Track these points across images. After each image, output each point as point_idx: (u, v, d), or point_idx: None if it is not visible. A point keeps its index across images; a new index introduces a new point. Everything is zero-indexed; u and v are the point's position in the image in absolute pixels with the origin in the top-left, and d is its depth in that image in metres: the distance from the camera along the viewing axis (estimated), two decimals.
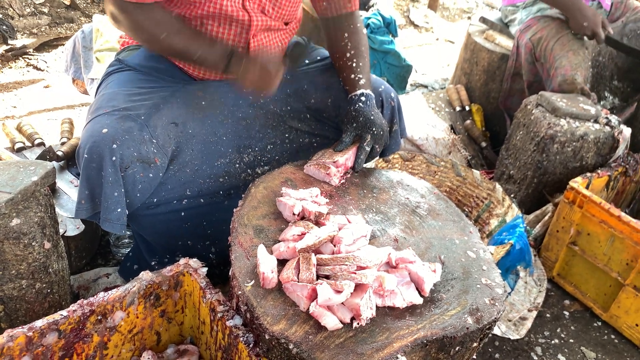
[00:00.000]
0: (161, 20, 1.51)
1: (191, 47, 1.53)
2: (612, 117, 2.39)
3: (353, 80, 1.72)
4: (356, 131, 1.66)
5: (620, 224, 2.03)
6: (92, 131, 1.42)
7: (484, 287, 1.32)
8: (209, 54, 1.54)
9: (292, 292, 1.21)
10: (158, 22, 1.50)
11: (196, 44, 1.53)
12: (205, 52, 1.53)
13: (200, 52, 1.53)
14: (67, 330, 1.26)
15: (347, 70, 1.75)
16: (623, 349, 2.08)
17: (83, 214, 1.46)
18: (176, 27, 1.52)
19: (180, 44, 1.52)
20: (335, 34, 1.79)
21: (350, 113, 1.67)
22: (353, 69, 1.73)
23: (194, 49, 1.53)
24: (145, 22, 1.50)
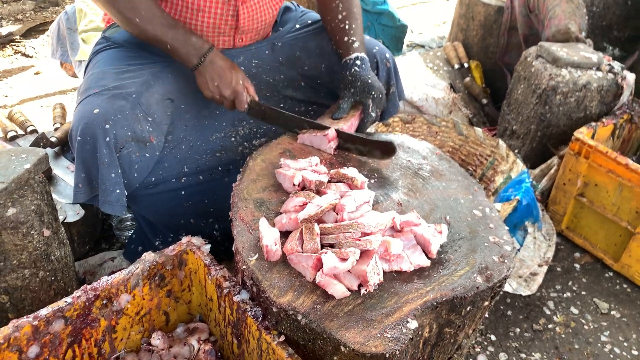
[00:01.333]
0: (137, 2, 1.46)
1: (165, 36, 1.48)
2: (614, 63, 2.32)
3: (347, 44, 1.66)
4: (354, 97, 1.61)
5: (628, 172, 1.99)
6: (83, 112, 1.38)
7: (492, 245, 1.29)
8: (182, 46, 1.49)
9: (297, 263, 1.19)
10: (134, 4, 1.45)
11: (170, 34, 1.48)
12: (177, 44, 1.49)
13: (173, 42, 1.48)
14: (73, 317, 1.25)
15: (339, 33, 1.69)
16: (636, 297, 2.07)
17: (81, 198, 1.43)
18: (151, 13, 1.47)
19: (153, 30, 1.48)
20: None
21: (346, 78, 1.62)
22: (346, 32, 1.67)
23: (167, 38, 1.48)
24: (120, 3, 1.45)
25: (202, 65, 1.51)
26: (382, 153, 1.53)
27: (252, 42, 1.73)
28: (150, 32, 1.48)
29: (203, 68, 1.51)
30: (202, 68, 1.51)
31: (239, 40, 1.68)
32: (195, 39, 1.51)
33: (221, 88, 1.51)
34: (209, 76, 1.51)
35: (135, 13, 1.46)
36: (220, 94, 1.52)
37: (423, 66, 3.07)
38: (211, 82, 1.51)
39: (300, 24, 1.81)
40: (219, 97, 1.53)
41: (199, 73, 1.52)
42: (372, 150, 1.54)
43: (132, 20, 1.46)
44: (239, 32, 1.65)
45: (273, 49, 1.75)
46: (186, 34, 1.50)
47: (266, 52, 1.73)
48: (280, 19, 1.83)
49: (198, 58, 1.50)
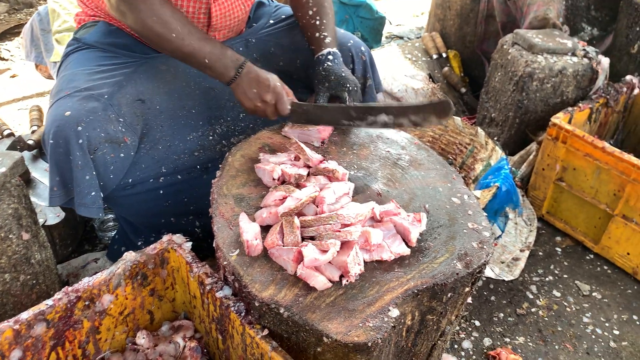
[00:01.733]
0: (171, 18, 1.43)
1: (203, 50, 1.46)
2: (589, 48, 2.35)
3: (318, 39, 1.66)
4: (329, 91, 1.60)
5: (605, 155, 2.02)
6: (55, 115, 1.37)
7: (471, 232, 1.31)
8: (218, 60, 1.47)
9: (278, 257, 1.19)
10: (167, 20, 1.42)
11: (208, 48, 1.46)
12: (215, 58, 1.47)
13: (211, 57, 1.46)
14: (55, 319, 1.24)
15: (311, 29, 1.68)
16: (616, 278, 2.11)
17: (57, 202, 1.42)
18: (187, 28, 1.45)
19: (190, 45, 1.45)
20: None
21: (320, 73, 1.61)
22: (317, 27, 1.67)
23: (205, 52, 1.46)
24: (154, 19, 1.41)
25: (239, 76, 1.49)
26: (439, 115, 1.39)
27: (225, 39, 1.72)
28: (186, 47, 1.45)
29: (240, 79, 1.49)
30: (239, 80, 1.49)
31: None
32: (230, 52, 1.49)
33: (261, 93, 1.49)
34: (247, 85, 1.49)
35: (170, 29, 1.42)
36: (262, 99, 1.50)
37: (402, 57, 3.08)
38: (250, 90, 1.49)
39: (274, 20, 1.80)
40: (260, 104, 1.51)
41: (237, 85, 1.50)
42: (427, 116, 1.41)
43: (166, 37, 1.43)
44: (212, 30, 1.65)
45: (247, 45, 1.74)
46: (222, 48, 1.49)
47: (240, 49, 1.72)
48: (254, 14, 1.82)
49: (235, 70, 1.48)
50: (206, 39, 1.47)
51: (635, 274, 2.08)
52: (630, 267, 2.09)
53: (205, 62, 1.47)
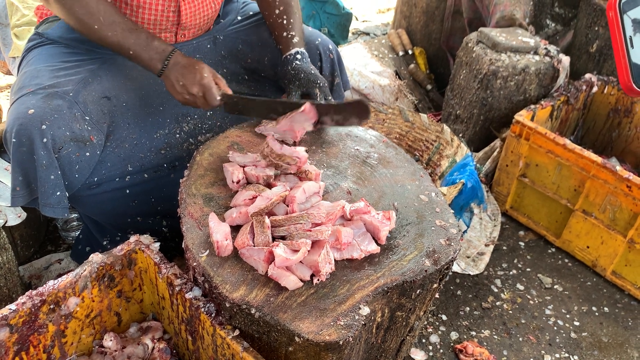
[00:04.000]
0: (95, 8, 1.40)
1: (126, 41, 1.43)
2: (550, 47, 2.41)
3: (286, 39, 1.65)
4: (300, 89, 1.60)
5: (566, 152, 2.08)
6: (17, 113, 1.33)
7: (439, 229, 1.33)
8: (144, 51, 1.44)
9: (249, 257, 1.19)
10: (91, 10, 1.39)
11: (132, 39, 1.43)
12: (140, 49, 1.44)
13: (135, 48, 1.43)
14: (18, 324, 1.21)
15: (278, 28, 1.68)
16: (577, 271, 2.17)
17: (20, 202, 1.38)
18: (111, 18, 1.41)
19: (114, 36, 1.42)
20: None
21: (289, 73, 1.61)
22: (284, 27, 1.66)
23: (129, 44, 1.43)
24: (77, 9, 1.39)
25: (166, 68, 1.46)
26: (359, 116, 1.51)
27: (194, 37, 1.70)
28: (111, 38, 1.42)
29: (168, 71, 1.46)
30: (167, 71, 1.46)
31: (181, 36, 1.65)
32: (157, 43, 1.45)
33: (187, 86, 1.46)
34: (174, 78, 1.45)
35: (94, 19, 1.40)
36: (189, 92, 1.47)
37: (368, 54, 3.10)
38: (177, 83, 1.46)
39: (241, 16, 1.79)
40: (188, 97, 1.48)
41: (166, 77, 1.47)
42: (348, 116, 1.52)
43: (91, 26, 1.41)
44: (181, 28, 1.62)
45: (215, 42, 1.72)
46: (148, 38, 1.45)
47: (208, 46, 1.71)
48: (222, 10, 1.80)
49: (162, 62, 1.45)
50: (131, 30, 1.44)
51: (594, 267, 2.15)
52: (590, 260, 2.16)
53: (130, 53, 1.45)
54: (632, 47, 2.09)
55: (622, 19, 2.09)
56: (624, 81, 2.12)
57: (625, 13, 2.10)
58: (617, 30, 2.09)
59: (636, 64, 2.10)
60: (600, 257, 2.12)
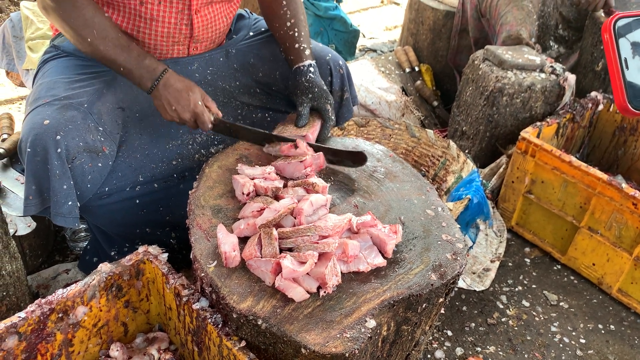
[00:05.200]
0: (90, 20, 1.42)
1: (117, 58, 1.44)
2: (556, 65, 2.43)
3: (298, 50, 1.68)
4: (312, 102, 1.62)
5: (571, 169, 2.09)
6: (33, 123, 1.35)
7: (445, 243, 1.34)
8: (135, 68, 1.45)
9: (257, 268, 1.20)
10: (87, 22, 1.41)
11: (123, 56, 1.44)
12: (130, 66, 1.45)
13: (125, 64, 1.44)
14: (27, 332, 1.22)
15: (289, 40, 1.70)
16: (582, 288, 2.17)
17: (32, 210, 1.40)
18: (104, 33, 1.43)
19: (105, 51, 1.44)
20: (272, 2, 1.73)
21: (302, 84, 1.63)
22: (296, 39, 1.69)
23: (120, 61, 1.44)
24: (73, 20, 1.41)
25: (156, 89, 1.46)
26: (354, 162, 1.55)
27: (206, 50, 1.72)
28: (102, 52, 1.44)
29: (158, 92, 1.46)
30: (156, 92, 1.47)
31: (193, 49, 1.67)
32: (148, 61, 1.46)
33: (179, 112, 1.47)
34: (165, 100, 1.46)
35: (88, 31, 1.41)
36: (180, 118, 1.48)
37: (375, 71, 3.13)
38: (168, 106, 1.46)
39: (253, 32, 1.82)
40: (179, 121, 1.50)
41: (155, 97, 1.48)
42: (343, 160, 1.57)
43: (84, 39, 1.42)
44: (194, 41, 1.65)
45: (227, 56, 1.75)
46: (139, 56, 1.46)
47: (220, 59, 1.73)
48: (234, 26, 1.83)
49: (152, 81, 1.46)
50: (123, 46, 1.45)
51: (600, 284, 2.15)
52: (596, 278, 2.15)
53: (121, 70, 1.46)
54: (627, 69, 2.12)
55: (617, 41, 2.12)
56: (619, 102, 2.14)
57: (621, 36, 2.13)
58: (612, 52, 2.12)
59: (631, 85, 2.13)
60: (606, 275, 2.11)
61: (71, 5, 1.41)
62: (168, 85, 1.46)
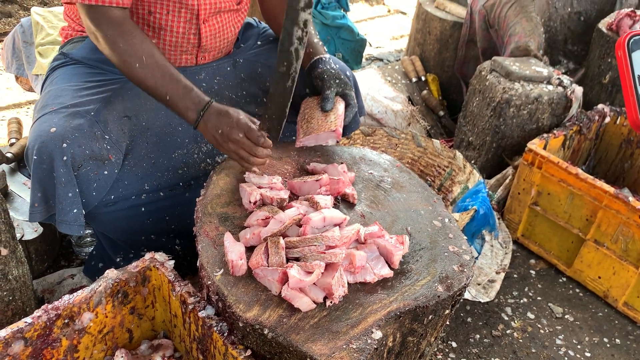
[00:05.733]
0: (139, 47, 1.40)
1: (164, 87, 1.42)
2: (563, 77, 2.43)
3: (316, 45, 1.69)
4: (338, 87, 1.63)
5: (578, 181, 2.09)
6: (39, 131, 1.36)
7: (452, 255, 1.34)
8: (180, 100, 1.42)
9: (263, 277, 1.20)
10: (135, 48, 1.40)
11: (170, 86, 1.41)
12: (176, 98, 1.42)
13: (171, 96, 1.42)
14: (33, 337, 1.22)
15: None
16: (588, 301, 2.16)
17: (38, 217, 1.40)
18: (152, 60, 1.41)
19: (152, 80, 1.41)
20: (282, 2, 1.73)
21: (328, 71, 1.63)
22: (312, 34, 1.70)
23: (165, 90, 1.42)
24: (121, 45, 1.39)
25: (201, 119, 1.43)
26: None
27: (214, 60, 1.73)
28: (149, 81, 1.41)
29: (204, 122, 1.43)
30: (202, 122, 1.43)
31: (201, 59, 1.68)
32: (194, 94, 1.44)
33: (226, 133, 1.41)
34: (213, 127, 1.42)
35: (135, 58, 1.39)
36: (230, 139, 1.41)
37: (382, 80, 3.13)
38: (217, 132, 1.42)
39: (261, 41, 1.83)
40: (231, 145, 1.42)
41: (204, 129, 1.44)
42: None
43: (132, 65, 1.40)
44: (202, 51, 1.66)
45: (235, 65, 1.76)
46: (186, 88, 1.43)
47: (228, 69, 1.74)
48: (242, 35, 1.84)
49: (197, 113, 1.43)
50: (171, 76, 1.43)
51: (605, 297, 2.14)
52: (601, 291, 2.14)
53: (167, 99, 1.43)
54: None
55: (630, 58, 2.12)
56: (632, 118, 2.14)
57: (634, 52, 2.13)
58: (626, 68, 2.12)
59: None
60: (611, 288, 2.10)
61: (119, 32, 1.39)
62: (212, 113, 1.42)
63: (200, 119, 1.43)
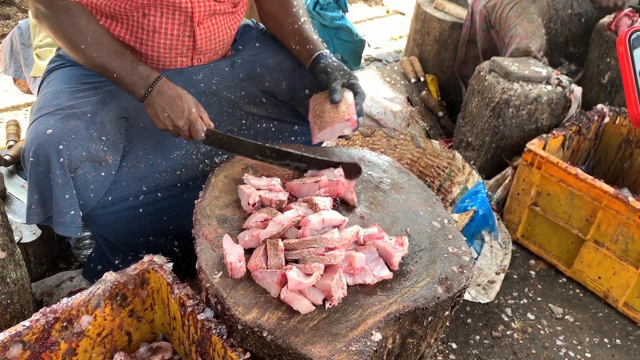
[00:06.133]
0: (85, 28, 1.42)
1: (111, 64, 1.43)
2: (563, 77, 2.43)
3: (316, 41, 1.68)
4: (344, 78, 1.60)
5: (577, 181, 2.08)
6: (36, 132, 1.36)
7: (451, 256, 1.33)
8: (128, 75, 1.43)
9: (262, 280, 1.20)
10: (81, 30, 1.41)
11: (117, 63, 1.43)
12: (124, 73, 1.43)
13: (119, 71, 1.43)
14: (31, 341, 1.22)
15: (304, 32, 1.70)
16: (588, 301, 2.15)
17: (35, 219, 1.40)
18: (98, 40, 1.43)
19: (99, 58, 1.43)
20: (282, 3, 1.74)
21: (331, 64, 1.62)
22: (312, 32, 1.70)
23: (114, 67, 1.43)
24: (67, 28, 1.42)
25: (149, 96, 1.44)
26: (350, 176, 1.50)
27: (211, 61, 1.72)
28: (96, 60, 1.43)
29: (151, 99, 1.44)
30: (149, 99, 1.44)
31: (197, 61, 1.67)
32: (142, 68, 1.45)
33: (173, 119, 1.44)
34: (159, 107, 1.44)
35: (82, 39, 1.41)
36: (174, 125, 1.45)
37: (381, 80, 3.13)
38: (162, 113, 1.44)
39: (259, 42, 1.82)
40: (172, 129, 1.47)
41: (148, 105, 1.45)
42: None
43: (78, 46, 1.42)
44: (197, 53, 1.65)
45: (233, 65, 1.75)
46: (133, 63, 1.44)
47: (226, 69, 1.73)
48: (240, 36, 1.83)
49: (145, 88, 1.44)
50: (117, 53, 1.44)
51: (606, 298, 2.14)
52: (602, 291, 2.14)
53: (114, 76, 1.44)
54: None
55: (632, 54, 2.12)
56: (633, 115, 2.13)
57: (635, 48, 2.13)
58: (627, 64, 2.12)
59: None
60: (612, 288, 2.10)
61: (65, 13, 1.41)
62: (161, 92, 1.45)
63: (147, 94, 1.44)
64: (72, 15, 1.42)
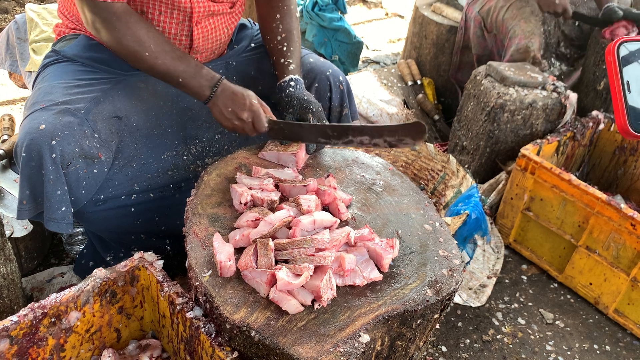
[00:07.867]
0: (145, 37, 1.44)
1: (175, 70, 1.47)
2: (558, 83, 2.44)
3: (282, 66, 1.67)
4: (294, 116, 1.60)
5: (571, 187, 2.09)
6: (29, 128, 1.35)
7: (442, 259, 1.33)
8: (193, 79, 1.49)
9: (251, 279, 1.20)
10: (142, 39, 1.44)
11: (181, 68, 1.47)
12: (189, 77, 1.48)
13: (184, 76, 1.48)
14: (19, 336, 1.21)
15: (277, 54, 1.70)
16: (579, 307, 2.16)
17: (26, 215, 1.39)
18: (161, 47, 1.46)
19: (163, 65, 1.47)
20: (268, 13, 1.73)
21: (282, 100, 1.62)
22: (283, 53, 1.68)
23: (178, 72, 1.47)
24: (128, 38, 1.43)
25: (214, 95, 1.50)
26: (413, 137, 1.44)
27: (207, 61, 1.72)
28: (160, 67, 1.46)
29: (216, 99, 1.51)
30: (215, 98, 1.51)
31: None
32: (206, 71, 1.51)
33: (237, 112, 1.51)
34: (223, 104, 1.50)
35: (144, 48, 1.44)
36: (238, 118, 1.51)
37: (377, 82, 3.14)
38: (225, 108, 1.51)
39: (255, 43, 1.82)
40: (238, 122, 1.52)
41: (213, 104, 1.52)
42: (402, 137, 1.46)
43: (142, 55, 1.44)
44: (194, 52, 1.65)
45: (227, 67, 1.75)
46: (197, 67, 1.50)
47: (220, 71, 1.73)
48: (236, 36, 1.83)
49: (210, 89, 1.50)
50: (181, 58, 1.49)
51: (596, 304, 2.14)
52: (592, 297, 2.15)
53: (179, 80, 1.49)
54: (629, 92, 2.13)
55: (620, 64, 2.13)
56: (620, 124, 2.15)
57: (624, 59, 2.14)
58: (615, 75, 2.13)
59: (633, 108, 2.14)
60: (602, 295, 2.11)
61: (125, 25, 1.42)
62: (225, 90, 1.51)
63: (213, 94, 1.50)
64: (131, 27, 1.43)
